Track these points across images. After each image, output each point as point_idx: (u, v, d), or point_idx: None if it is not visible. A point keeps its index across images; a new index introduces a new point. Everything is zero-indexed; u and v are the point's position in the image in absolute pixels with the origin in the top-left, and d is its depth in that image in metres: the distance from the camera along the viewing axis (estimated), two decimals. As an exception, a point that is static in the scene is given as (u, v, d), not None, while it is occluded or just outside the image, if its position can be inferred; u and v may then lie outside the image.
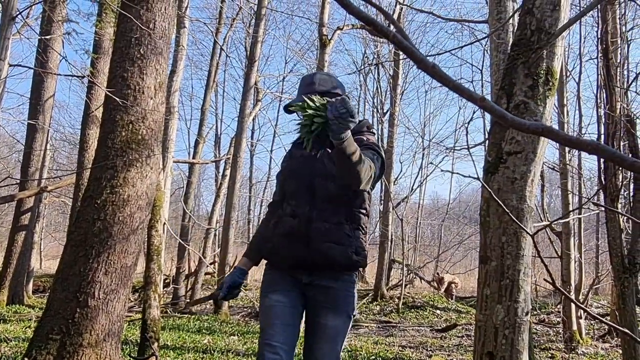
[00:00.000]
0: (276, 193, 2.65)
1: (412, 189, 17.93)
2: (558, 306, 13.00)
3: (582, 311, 9.93)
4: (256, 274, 22.20)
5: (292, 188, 2.51)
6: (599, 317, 1.30)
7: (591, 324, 12.33)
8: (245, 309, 13.03)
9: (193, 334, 8.76)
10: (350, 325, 2.51)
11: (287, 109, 2.56)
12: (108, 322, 3.94)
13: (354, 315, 2.50)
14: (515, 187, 2.45)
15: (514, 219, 1.33)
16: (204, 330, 9.32)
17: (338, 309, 2.41)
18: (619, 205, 5.35)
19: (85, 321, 3.88)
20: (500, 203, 1.34)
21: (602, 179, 5.51)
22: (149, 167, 4.25)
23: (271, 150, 25.66)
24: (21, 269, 11.15)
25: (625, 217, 5.19)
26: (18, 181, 11.29)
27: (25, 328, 7.89)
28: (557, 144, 10.78)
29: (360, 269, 2.57)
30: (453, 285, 16.46)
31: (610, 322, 1.20)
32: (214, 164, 20.64)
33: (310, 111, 2.23)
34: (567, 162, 9.36)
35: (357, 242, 2.44)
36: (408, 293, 15.25)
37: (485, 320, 2.46)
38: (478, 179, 1.90)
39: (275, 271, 2.51)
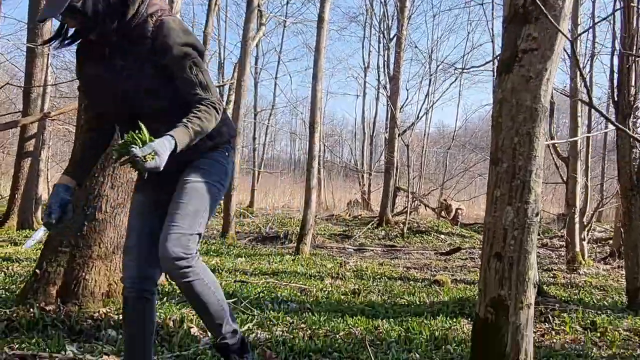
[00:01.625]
0: (89, 108, 2.32)
1: (418, 117, 17.74)
2: (562, 231, 13.14)
3: (585, 234, 10.02)
4: (262, 201, 22.43)
5: (112, 116, 2.23)
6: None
7: (593, 248, 12.49)
8: (251, 234, 13.23)
9: (202, 255, 8.88)
10: (217, 199, 2.22)
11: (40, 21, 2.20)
12: (116, 236, 3.97)
13: (222, 186, 2.24)
14: (530, 86, 2.36)
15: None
16: (211, 253, 9.48)
17: (200, 168, 2.18)
18: (631, 123, 5.25)
19: (93, 234, 3.91)
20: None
21: (615, 95, 5.38)
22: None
23: (276, 77, 25.29)
24: (29, 195, 11.24)
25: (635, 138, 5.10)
26: (21, 108, 11.20)
27: (36, 250, 8.04)
28: (568, 68, 10.53)
29: (229, 143, 2.31)
30: (459, 211, 16.60)
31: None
32: (217, 90, 20.37)
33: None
34: (579, 82, 9.15)
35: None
36: (413, 219, 15.41)
37: (494, 222, 2.44)
38: (493, 61, 1.81)
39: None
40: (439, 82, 18.77)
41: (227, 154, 2.28)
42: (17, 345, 3.06)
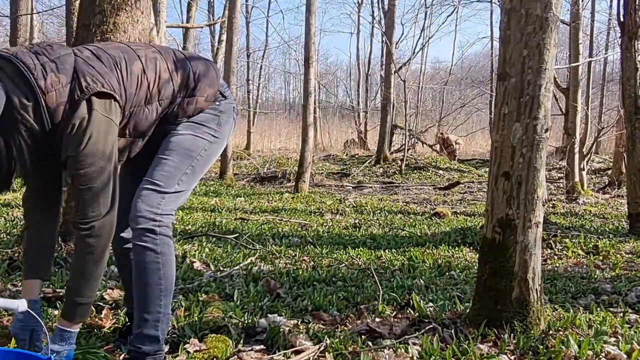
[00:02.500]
0: (32, 192, 1.93)
1: (414, 52, 17.37)
2: (560, 163, 13.13)
3: (584, 164, 10.01)
4: (258, 143, 22.30)
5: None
6: None
7: (592, 178, 12.52)
8: (249, 175, 13.20)
9: (200, 196, 8.90)
10: (210, 153, 2.00)
11: None
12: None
13: (216, 137, 2.00)
14: (540, -7, 2.23)
15: None
16: (210, 194, 9.47)
17: (187, 121, 1.96)
18: (637, 44, 5.09)
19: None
20: None
21: (620, 16, 5.20)
22: (139, 11, 3.96)
23: (268, 15, 24.65)
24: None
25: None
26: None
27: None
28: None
29: (220, 95, 2.03)
30: (457, 145, 16.52)
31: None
32: (209, 32, 19.88)
33: None
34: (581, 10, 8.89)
35: (182, 112, 1.94)
36: (410, 155, 15.35)
37: (502, 141, 2.36)
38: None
39: None
40: (436, 15, 18.30)
41: (217, 103, 2.02)
42: (19, 283, 3.04)
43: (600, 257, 4.43)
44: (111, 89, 1.70)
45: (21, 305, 1.62)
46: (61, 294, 2.85)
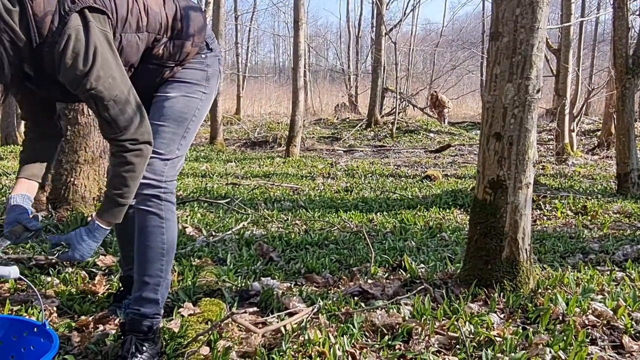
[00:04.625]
0: (27, 113, 1.91)
1: (405, 13, 17.13)
2: (550, 124, 13.15)
3: (574, 125, 10.02)
4: (248, 108, 22.14)
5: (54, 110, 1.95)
6: None
7: (581, 140, 12.58)
8: (240, 140, 13.13)
9: (191, 162, 8.86)
10: (201, 110, 1.95)
11: None
12: (102, 139, 3.85)
13: (205, 94, 1.95)
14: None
15: None
16: (201, 159, 9.43)
17: (175, 79, 1.89)
18: (629, 2, 5.04)
19: (78, 138, 3.78)
20: None
21: (613, -26, 5.13)
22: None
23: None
24: (9, 109, 10.95)
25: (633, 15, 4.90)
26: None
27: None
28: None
29: (207, 47, 1.95)
30: (446, 110, 16.45)
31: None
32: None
33: None
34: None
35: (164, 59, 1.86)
36: (401, 119, 15.31)
37: (493, 101, 2.35)
38: None
39: None
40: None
41: (204, 56, 1.95)
42: (11, 250, 3.04)
43: (589, 217, 4.48)
44: (103, 5, 1.61)
45: (12, 271, 1.61)
46: (53, 260, 2.85)
